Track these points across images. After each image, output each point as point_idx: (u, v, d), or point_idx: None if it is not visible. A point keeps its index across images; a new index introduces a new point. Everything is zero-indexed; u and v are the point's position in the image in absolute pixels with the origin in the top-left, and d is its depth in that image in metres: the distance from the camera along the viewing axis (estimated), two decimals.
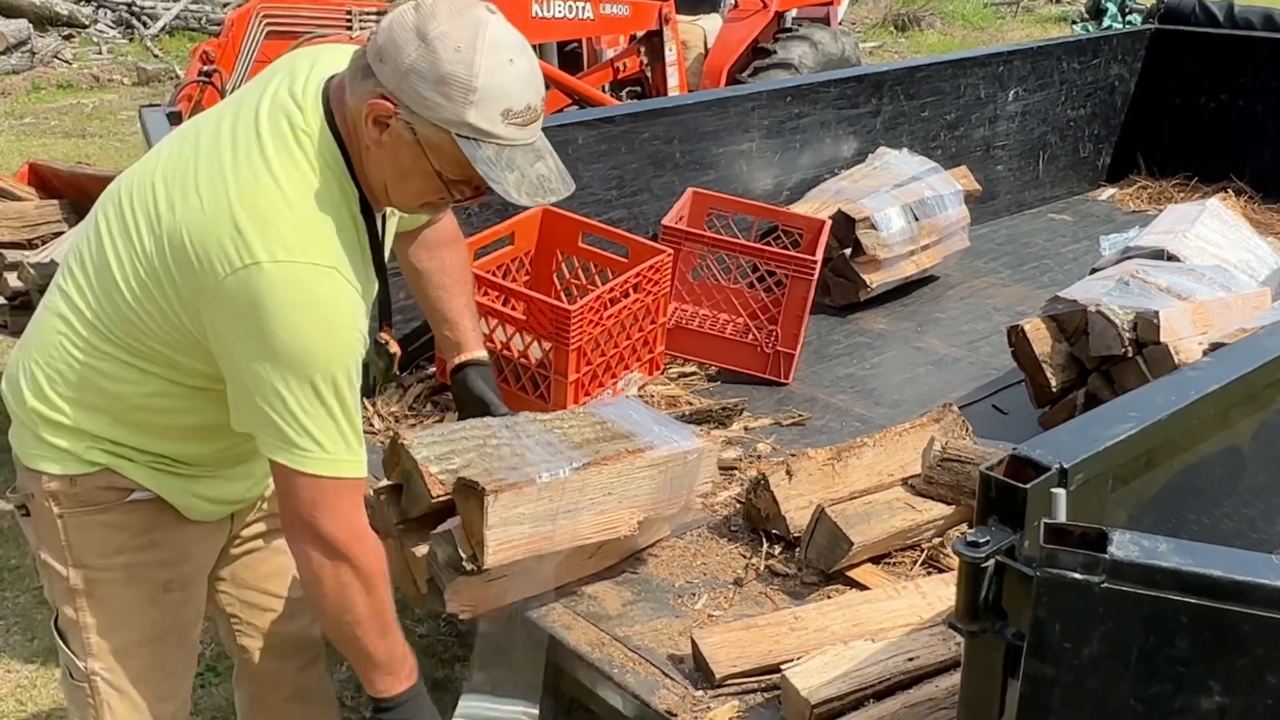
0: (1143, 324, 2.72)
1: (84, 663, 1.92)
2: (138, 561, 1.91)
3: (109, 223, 1.78)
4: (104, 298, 1.77)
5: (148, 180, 1.76)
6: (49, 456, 1.85)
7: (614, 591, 2.21)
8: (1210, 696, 1.20)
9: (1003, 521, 1.33)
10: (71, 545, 1.87)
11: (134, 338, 1.76)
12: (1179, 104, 5.00)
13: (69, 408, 1.82)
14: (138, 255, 1.73)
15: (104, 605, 1.90)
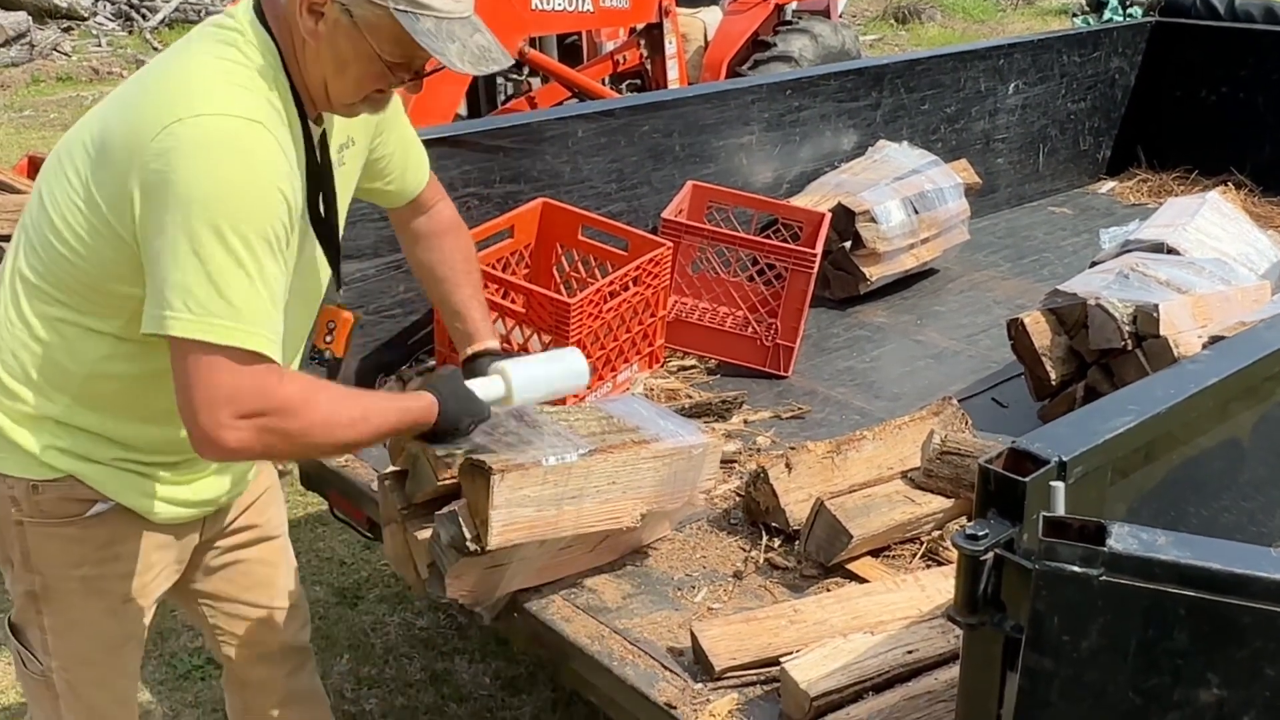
0: (1142, 317, 2.72)
1: (43, 661, 1.92)
2: (98, 574, 1.88)
3: (47, 182, 1.76)
4: (44, 253, 1.73)
5: (81, 128, 1.77)
6: (10, 458, 1.80)
7: (613, 584, 2.21)
8: (1209, 689, 1.20)
9: (1002, 514, 1.33)
10: (31, 553, 1.84)
11: (78, 285, 1.71)
12: (1179, 97, 4.99)
13: (28, 391, 1.77)
14: (71, 188, 1.69)
15: (64, 613, 1.89)
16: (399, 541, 2.11)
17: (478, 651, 3.22)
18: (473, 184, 3.05)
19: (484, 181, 3.09)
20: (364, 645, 3.26)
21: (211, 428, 1.60)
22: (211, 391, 1.60)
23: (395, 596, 3.46)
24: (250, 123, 1.62)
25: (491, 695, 3.07)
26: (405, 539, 2.09)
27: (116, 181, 1.64)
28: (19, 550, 1.85)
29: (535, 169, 3.21)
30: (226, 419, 1.60)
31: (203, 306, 1.57)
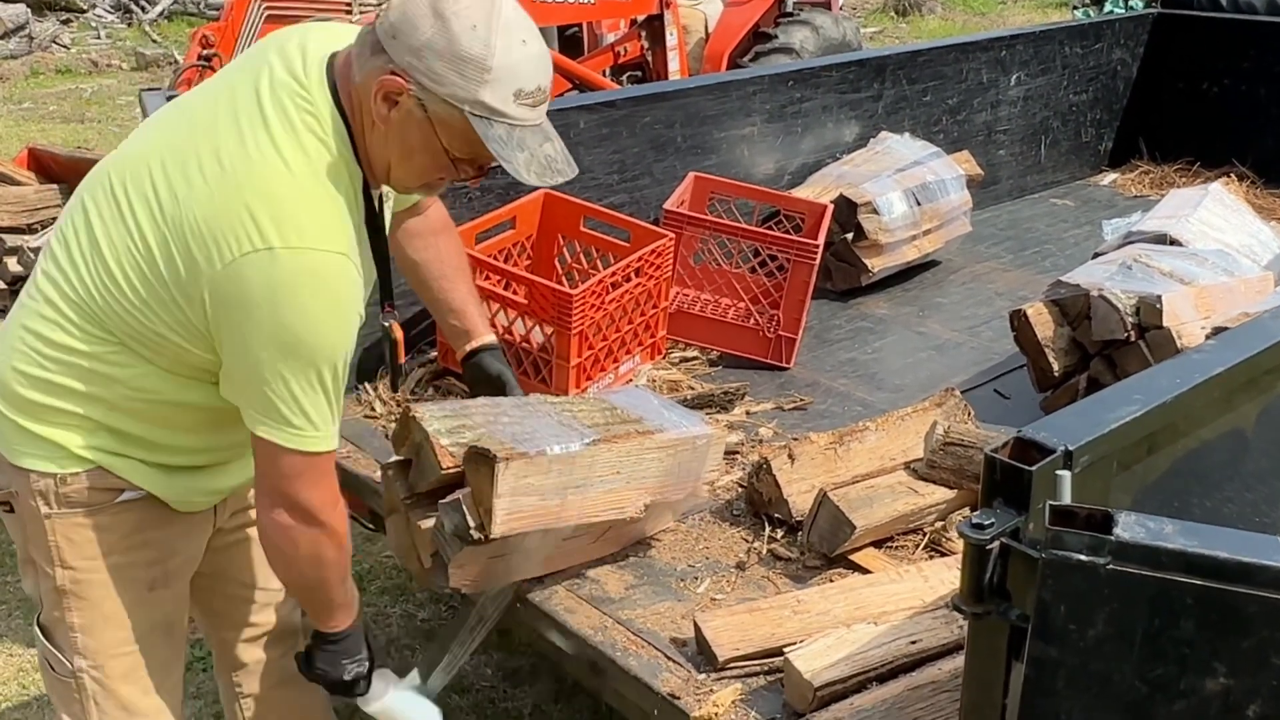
0: (1145, 308, 2.71)
1: (71, 660, 1.90)
2: (126, 562, 1.89)
3: (98, 207, 1.76)
4: (95, 284, 1.74)
5: (142, 164, 1.74)
6: (39, 453, 1.81)
7: (616, 575, 2.21)
8: (1215, 678, 1.20)
9: (1008, 504, 1.33)
10: (59, 546, 1.85)
11: (127, 325, 1.74)
12: (1181, 88, 4.98)
13: (63, 395, 1.79)
14: (134, 243, 1.70)
15: (92, 606, 1.88)
16: (402, 531, 2.11)
17: (479, 643, 3.22)
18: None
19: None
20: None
21: (279, 507, 1.79)
22: (289, 485, 1.77)
23: (397, 588, 3.46)
24: (339, 258, 1.67)
25: (494, 686, 3.07)
26: (409, 529, 2.09)
27: (188, 274, 1.68)
28: (47, 546, 1.84)
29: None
30: (293, 509, 1.79)
31: (285, 421, 1.71)
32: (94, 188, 1.79)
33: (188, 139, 1.73)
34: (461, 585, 2.06)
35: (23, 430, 1.81)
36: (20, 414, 1.80)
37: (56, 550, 1.85)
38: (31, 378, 1.79)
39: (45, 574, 1.88)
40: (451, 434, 1.98)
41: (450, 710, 2.95)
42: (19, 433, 1.81)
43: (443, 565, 2.03)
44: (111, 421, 1.81)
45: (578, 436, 2.03)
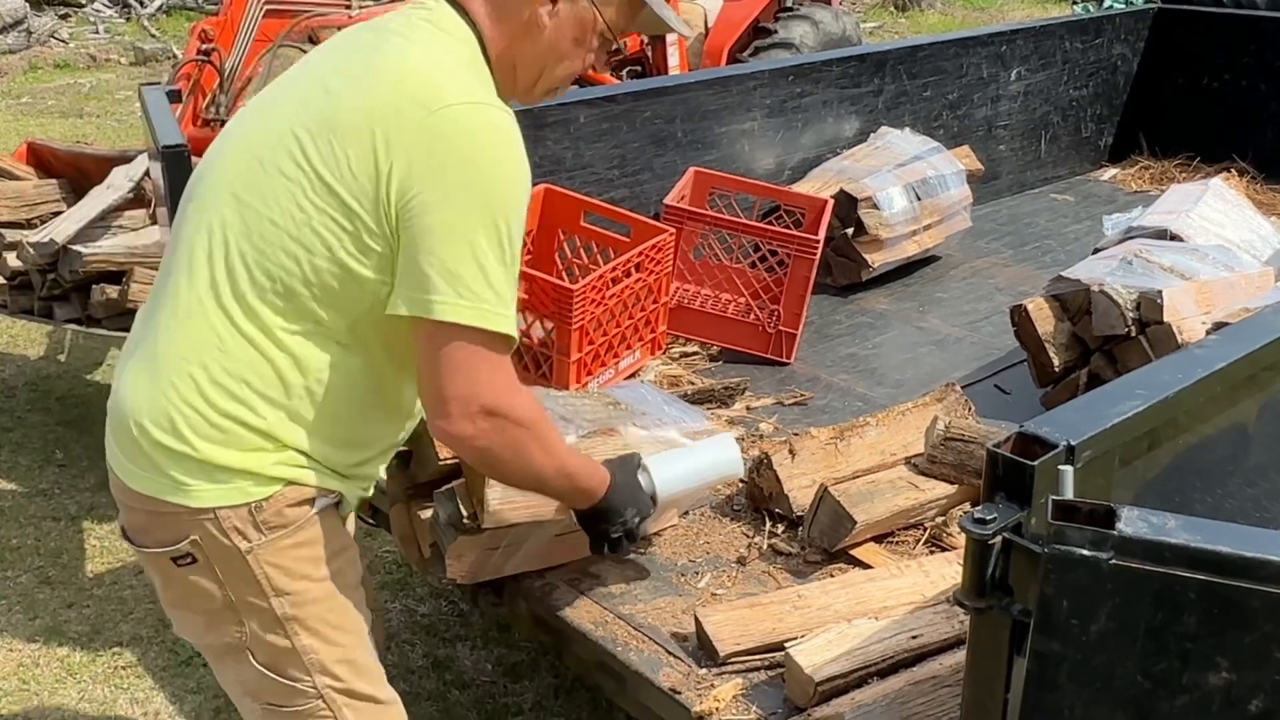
0: (1146, 303, 2.71)
1: (311, 681, 1.80)
2: (335, 570, 1.80)
3: (246, 188, 1.67)
4: (263, 259, 1.65)
5: (274, 136, 1.67)
6: (229, 486, 1.68)
7: (617, 570, 2.21)
8: (1217, 672, 1.20)
9: (1010, 499, 1.32)
10: (269, 576, 1.72)
11: (308, 284, 1.64)
12: (1181, 84, 4.98)
13: (239, 409, 1.67)
14: (291, 181, 1.63)
15: (317, 622, 1.78)
16: (404, 521, 2.11)
17: (480, 638, 3.22)
18: None
19: None
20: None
21: (459, 414, 1.64)
22: (469, 379, 1.63)
23: (397, 583, 3.46)
24: (509, 114, 1.66)
25: (494, 682, 3.07)
26: (410, 519, 2.09)
27: (362, 160, 1.60)
28: (255, 580, 1.73)
29: (537, 155, 3.18)
30: (475, 409, 1.64)
31: (472, 293, 1.60)
32: (218, 190, 1.71)
33: (319, 91, 1.69)
34: (457, 576, 2.06)
35: (207, 467, 1.68)
36: (206, 446, 1.67)
37: (267, 581, 1.73)
38: (210, 403, 1.67)
39: (258, 609, 1.74)
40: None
41: (449, 705, 2.96)
42: (203, 471, 1.68)
43: (440, 556, 2.03)
44: (285, 434, 1.70)
45: (573, 429, 2.03)
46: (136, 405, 1.71)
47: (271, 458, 1.70)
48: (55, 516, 3.79)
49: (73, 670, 3.11)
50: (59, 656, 3.16)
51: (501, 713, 2.94)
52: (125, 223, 3.95)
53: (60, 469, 4.07)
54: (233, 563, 1.71)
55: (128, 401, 1.73)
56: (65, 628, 3.27)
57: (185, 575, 1.74)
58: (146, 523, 1.75)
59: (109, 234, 3.87)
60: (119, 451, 1.75)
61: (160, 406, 1.68)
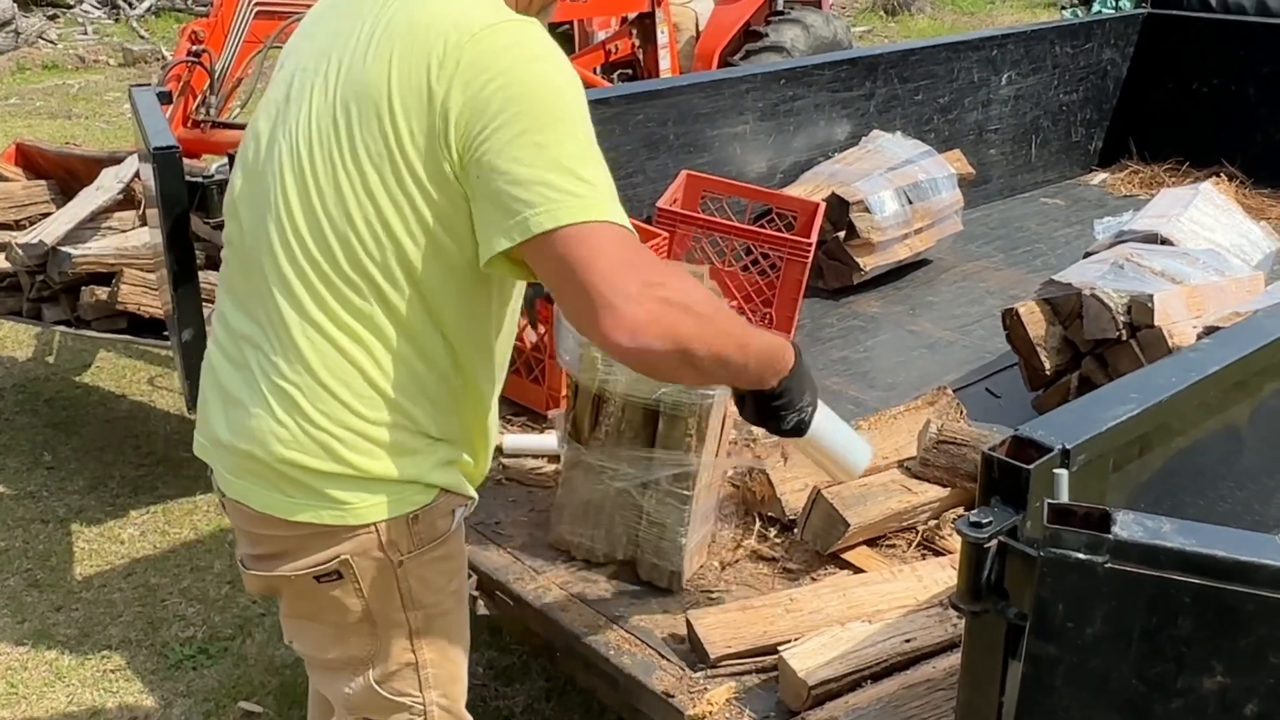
0: (1137, 307, 2.72)
1: (422, 696, 1.78)
2: (459, 586, 1.80)
3: (312, 169, 1.57)
4: (346, 239, 1.55)
5: (324, 102, 1.58)
6: (382, 502, 1.63)
7: (610, 573, 2.21)
8: (1213, 676, 1.20)
9: (1005, 502, 1.32)
10: (413, 590, 1.70)
11: (402, 255, 1.54)
12: (1171, 88, 5.00)
13: (402, 414, 1.60)
14: (353, 150, 1.53)
15: (440, 636, 1.77)
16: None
17: (471, 641, 3.21)
18: None
19: None
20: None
21: (623, 303, 1.41)
22: (609, 266, 1.42)
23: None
24: (537, 23, 1.56)
25: (485, 685, 3.06)
26: None
27: (419, 106, 1.49)
28: (398, 594, 1.70)
29: None
30: (635, 288, 1.42)
31: (564, 191, 1.44)
32: (282, 163, 1.61)
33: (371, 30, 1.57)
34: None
35: (370, 482, 1.62)
36: (366, 462, 1.60)
37: (409, 595, 1.70)
38: (361, 417, 1.59)
39: (395, 623, 1.71)
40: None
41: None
42: (365, 487, 1.62)
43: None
44: (433, 424, 1.65)
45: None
46: (276, 439, 1.60)
47: (428, 461, 1.65)
48: (44, 519, 3.77)
49: (61, 674, 3.09)
50: (47, 660, 3.14)
51: (493, 716, 2.93)
52: (114, 224, 3.94)
53: (49, 471, 4.05)
54: (382, 577, 1.67)
55: (260, 438, 1.62)
56: (54, 631, 3.25)
57: (326, 591, 1.68)
58: (292, 547, 1.67)
59: (98, 235, 3.86)
60: (256, 487, 1.65)
61: (310, 435, 1.59)
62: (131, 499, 3.89)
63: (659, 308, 1.44)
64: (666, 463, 2.10)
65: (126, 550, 3.62)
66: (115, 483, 3.98)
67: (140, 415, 4.45)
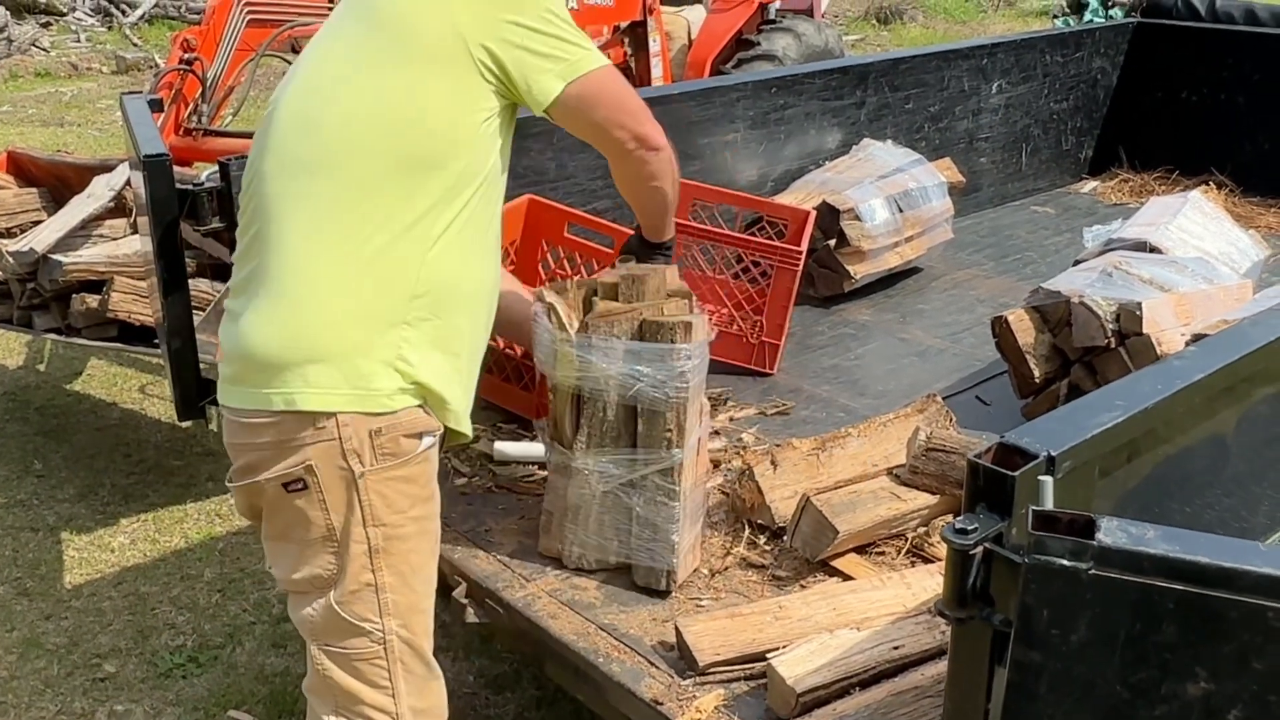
0: (1125, 315, 2.73)
1: (381, 623, 1.88)
2: (426, 514, 1.91)
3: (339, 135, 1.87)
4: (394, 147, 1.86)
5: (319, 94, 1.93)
6: (365, 395, 1.81)
7: (598, 580, 2.21)
8: (1196, 682, 1.21)
9: (991, 509, 1.33)
10: (372, 504, 1.84)
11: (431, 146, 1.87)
12: (1161, 97, 5.02)
13: (385, 298, 1.84)
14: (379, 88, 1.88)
15: (401, 560, 1.88)
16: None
17: (461, 649, 3.20)
18: None
19: None
20: None
21: (649, 127, 2.05)
22: (631, 100, 2.04)
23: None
24: None
25: (475, 693, 3.06)
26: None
27: (434, 37, 1.87)
28: (359, 507, 1.83)
29: (520, 165, 3.19)
30: (650, 114, 2.06)
31: (566, 50, 1.93)
32: (276, 157, 1.91)
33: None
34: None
35: (345, 373, 1.81)
36: (341, 351, 1.82)
37: (369, 509, 1.84)
38: (352, 298, 1.83)
39: (354, 538, 1.84)
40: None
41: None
42: (337, 376, 1.82)
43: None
44: (433, 321, 1.87)
45: None
46: (261, 336, 1.85)
47: (408, 366, 1.85)
48: (33, 527, 3.76)
49: (50, 682, 3.08)
50: (37, 669, 3.13)
51: None
52: (106, 232, 3.94)
53: (39, 479, 4.04)
54: (341, 488, 1.82)
55: (247, 340, 1.86)
56: (43, 639, 3.24)
57: (292, 501, 1.84)
58: (267, 456, 1.84)
59: (89, 243, 3.86)
60: (240, 388, 1.87)
61: (290, 328, 1.84)
62: (122, 507, 3.88)
63: (665, 143, 2.12)
64: (650, 460, 2.11)
65: (117, 558, 3.62)
66: (105, 491, 3.98)
67: (131, 423, 4.44)
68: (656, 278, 2.20)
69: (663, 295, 2.20)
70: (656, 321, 2.09)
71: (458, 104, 1.88)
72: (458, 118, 1.88)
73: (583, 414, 2.14)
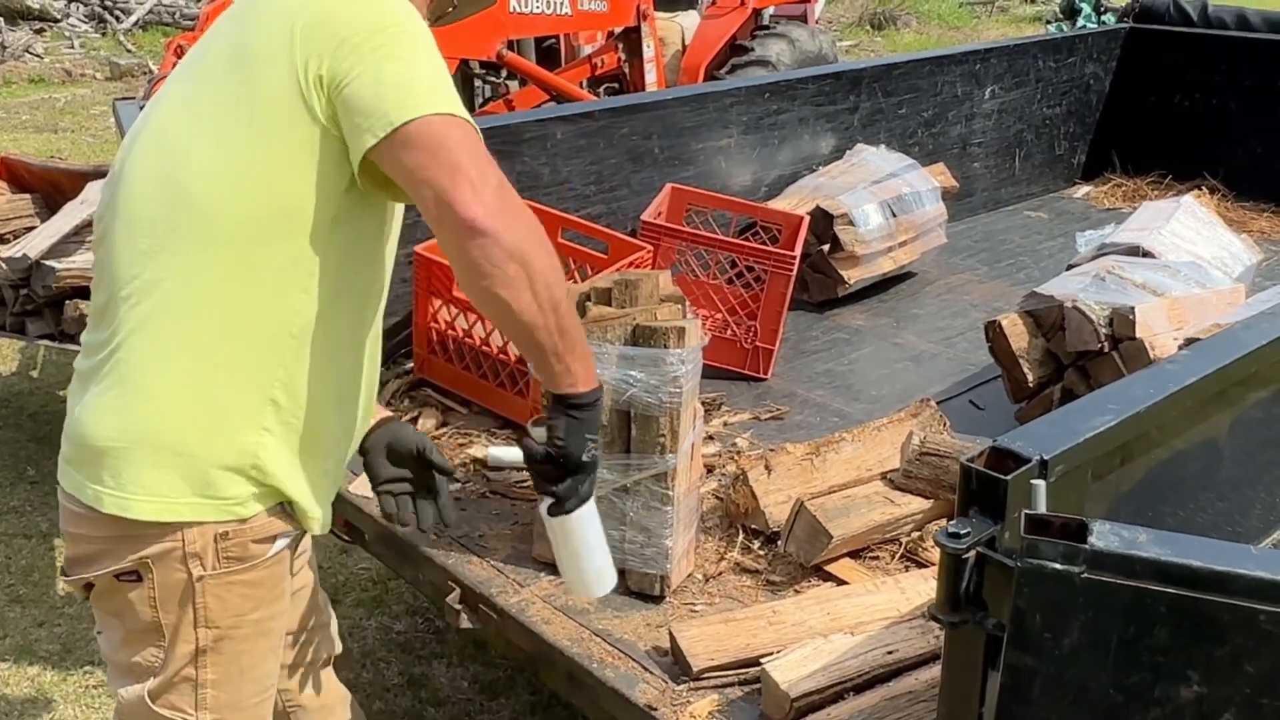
0: (1119, 319, 2.73)
1: (196, 716, 1.76)
2: (269, 615, 1.76)
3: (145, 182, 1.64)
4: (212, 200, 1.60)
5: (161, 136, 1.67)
6: (209, 504, 1.64)
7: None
8: (1189, 686, 1.21)
9: (983, 513, 1.33)
10: (207, 607, 1.69)
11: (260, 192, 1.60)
12: (1153, 102, 5.04)
13: (235, 391, 1.62)
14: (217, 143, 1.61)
15: (230, 660, 1.75)
16: None
17: (456, 655, 3.20)
18: None
19: None
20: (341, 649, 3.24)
21: (485, 187, 1.53)
22: (471, 159, 1.54)
23: (372, 600, 3.44)
24: None
25: (470, 699, 3.05)
26: None
27: (274, 68, 1.58)
28: (190, 610, 1.69)
29: (514, 171, 3.20)
30: (497, 181, 1.55)
31: (429, 90, 1.55)
32: (127, 185, 1.67)
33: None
34: None
35: (192, 476, 1.63)
36: (188, 453, 1.63)
37: (203, 611, 1.69)
38: (201, 398, 1.63)
39: (182, 637, 1.71)
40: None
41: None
42: (188, 479, 1.64)
43: None
44: (294, 419, 1.66)
45: None
46: (96, 422, 1.66)
47: (264, 471, 1.66)
48: (26, 534, 3.75)
49: (43, 689, 3.07)
50: (29, 676, 3.12)
51: None
52: None
53: (32, 486, 4.03)
54: (176, 589, 1.67)
55: (83, 424, 1.68)
56: (36, 646, 3.23)
57: (125, 592, 1.70)
58: (103, 549, 1.68)
59: (82, 249, 3.85)
60: (77, 474, 1.69)
61: (132, 416, 1.64)
62: None
63: (516, 206, 1.57)
64: (644, 465, 2.11)
65: None
66: None
67: None
68: (650, 282, 2.20)
69: (656, 300, 2.20)
70: (650, 327, 2.09)
71: (309, 173, 1.61)
72: (308, 190, 1.61)
73: None
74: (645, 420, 2.10)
